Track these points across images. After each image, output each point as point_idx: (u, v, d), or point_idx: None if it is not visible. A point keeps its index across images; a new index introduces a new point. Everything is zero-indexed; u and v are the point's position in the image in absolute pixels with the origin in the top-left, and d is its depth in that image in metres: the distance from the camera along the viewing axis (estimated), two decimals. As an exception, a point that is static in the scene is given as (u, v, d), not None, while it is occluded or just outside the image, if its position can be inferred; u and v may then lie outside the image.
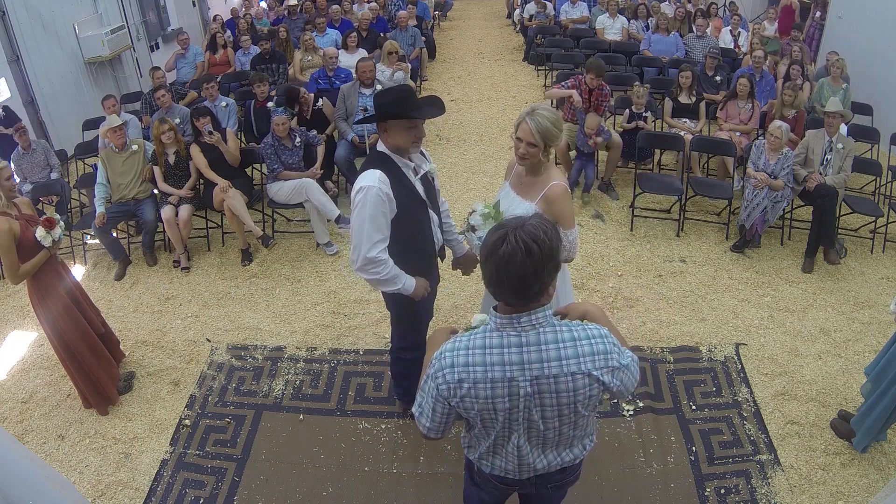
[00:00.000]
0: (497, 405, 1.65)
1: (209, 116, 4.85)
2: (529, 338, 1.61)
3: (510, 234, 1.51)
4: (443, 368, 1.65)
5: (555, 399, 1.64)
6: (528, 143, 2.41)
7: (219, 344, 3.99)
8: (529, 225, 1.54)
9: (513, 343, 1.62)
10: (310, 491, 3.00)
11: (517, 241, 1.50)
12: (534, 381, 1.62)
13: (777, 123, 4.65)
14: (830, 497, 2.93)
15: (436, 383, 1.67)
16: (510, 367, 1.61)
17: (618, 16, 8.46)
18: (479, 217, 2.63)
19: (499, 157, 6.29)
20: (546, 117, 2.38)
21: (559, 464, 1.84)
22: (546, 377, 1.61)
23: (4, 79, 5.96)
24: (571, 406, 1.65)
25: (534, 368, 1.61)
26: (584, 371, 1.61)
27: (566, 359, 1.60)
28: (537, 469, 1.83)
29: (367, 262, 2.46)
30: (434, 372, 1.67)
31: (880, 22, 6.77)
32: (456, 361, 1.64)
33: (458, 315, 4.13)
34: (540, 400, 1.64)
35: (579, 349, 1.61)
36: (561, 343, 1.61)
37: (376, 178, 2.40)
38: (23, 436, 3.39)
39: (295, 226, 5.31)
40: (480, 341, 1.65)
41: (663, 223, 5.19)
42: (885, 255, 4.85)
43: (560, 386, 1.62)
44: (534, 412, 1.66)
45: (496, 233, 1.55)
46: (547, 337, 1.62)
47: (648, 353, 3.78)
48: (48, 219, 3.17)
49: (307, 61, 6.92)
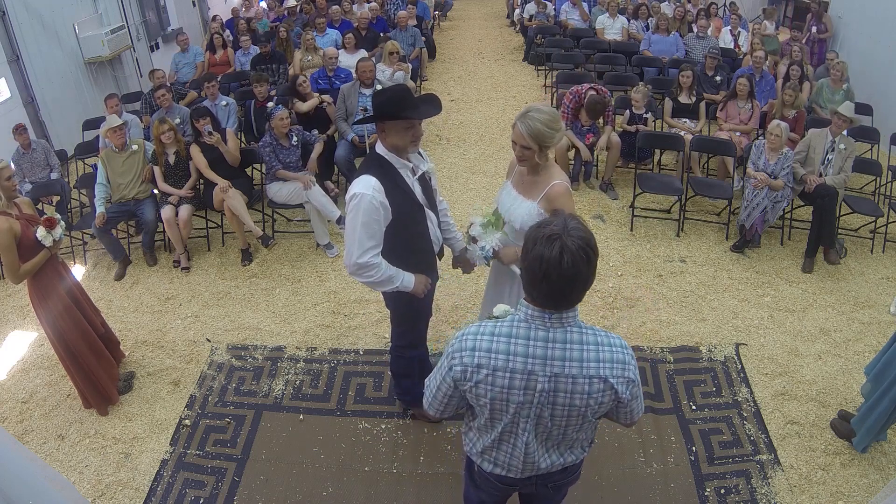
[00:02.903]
0: (511, 396, 1.65)
1: (209, 117, 4.85)
2: (556, 335, 1.61)
3: (567, 242, 1.47)
4: (462, 350, 1.64)
5: (568, 399, 1.64)
6: (522, 147, 2.40)
7: (219, 344, 3.99)
8: (573, 230, 1.50)
9: (539, 337, 1.61)
10: (310, 491, 3.00)
11: (577, 249, 1.47)
12: (552, 379, 1.62)
13: (777, 122, 4.65)
14: (830, 497, 2.93)
15: (450, 363, 1.66)
16: (532, 360, 1.61)
17: (618, 16, 8.47)
18: (478, 227, 2.63)
19: (499, 157, 6.29)
20: (538, 119, 2.33)
21: (561, 464, 1.84)
22: (565, 376, 1.61)
23: (4, 79, 5.96)
24: (582, 409, 1.65)
25: (555, 366, 1.61)
26: (602, 376, 1.61)
27: (587, 361, 1.61)
28: (540, 468, 1.82)
29: (359, 267, 2.48)
30: (452, 351, 1.66)
31: (880, 22, 6.77)
32: (478, 345, 1.63)
33: (457, 315, 4.13)
34: (553, 398, 1.64)
35: (601, 354, 1.61)
36: (585, 345, 1.61)
37: (370, 185, 2.40)
38: (23, 436, 3.39)
39: (295, 226, 5.31)
40: (507, 330, 1.64)
41: (663, 223, 5.19)
42: (885, 255, 4.85)
43: (577, 387, 1.62)
44: (545, 409, 1.66)
45: (550, 244, 1.48)
46: (573, 336, 1.61)
47: (648, 353, 3.78)
48: (49, 218, 3.17)
49: (307, 61, 6.91)
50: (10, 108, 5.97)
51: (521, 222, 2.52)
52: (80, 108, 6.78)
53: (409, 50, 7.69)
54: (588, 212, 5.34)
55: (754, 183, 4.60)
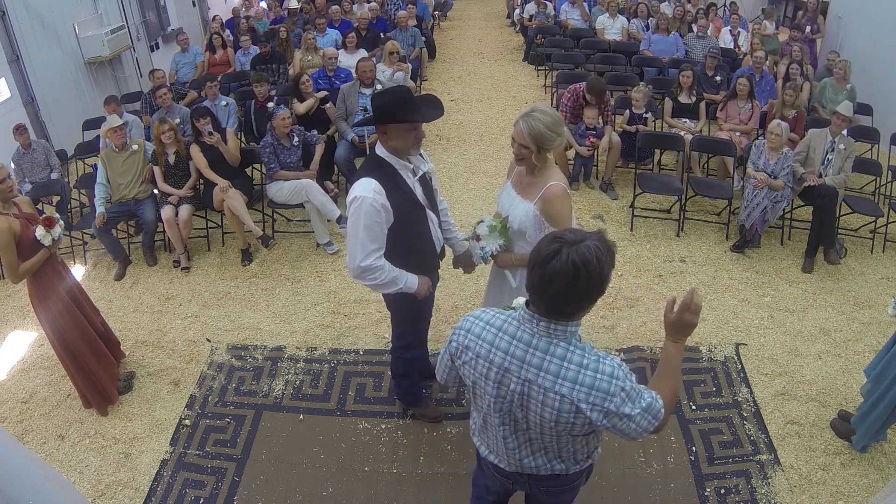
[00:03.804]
0: (487, 387, 1.70)
1: (209, 117, 4.85)
2: (540, 343, 1.60)
3: (564, 250, 1.46)
4: (460, 328, 1.76)
5: (538, 409, 1.63)
6: (520, 145, 2.39)
7: (219, 344, 3.99)
8: (585, 246, 1.46)
9: (523, 339, 1.63)
10: (310, 491, 3.00)
11: (568, 259, 1.45)
12: (525, 383, 1.62)
13: (777, 122, 4.65)
14: (830, 497, 2.92)
15: (451, 336, 1.78)
16: (511, 358, 1.63)
17: (618, 16, 8.47)
18: (485, 228, 2.63)
19: (499, 157, 6.29)
20: (541, 120, 2.32)
21: (549, 469, 1.83)
22: (538, 385, 1.60)
23: (4, 79, 5.96)
24: (552, 424, 1.63)
25: (530, 371, 1.61)
26: (571, 398, 1.55)
27: (563, 378, 1.57)
28: (525, 466, 1.83)
29: (362, 270, 2.47)
30: (456, 327, 1.77)
31: (880, 22, 6.77)
32: (472, 328, 1.72)
33: (457, 315, 4.13)
34: (526, 402, 1.65)
35: (580, 376, 1.55)
36: (566, 362, 1.57)
37: (371, 188, 2.39)
38: (23, 436, 3.39)
39: (295, 226, 5.31)
40: (500, 323, 1.69)
41: (663, 223, 5.19)
42: (885, 255, 4.85)
43: (546, 400, 1.60)
44: (518, 411, 1.69)
45: (551, 244, 1.49)
46: (556, 351, 1.58)
47: (648, 353, 3.78)
48: (48, 218, 3.17)
49: (307, 61, 6.92)
50: (10, 108, 5.97)
51: (519, 223, 2.52)
52: (80, 108, 6.78)
53: (409, 50, 7.69)
54: (588, 212, 5.34)
55: (754, 183, 4.60)
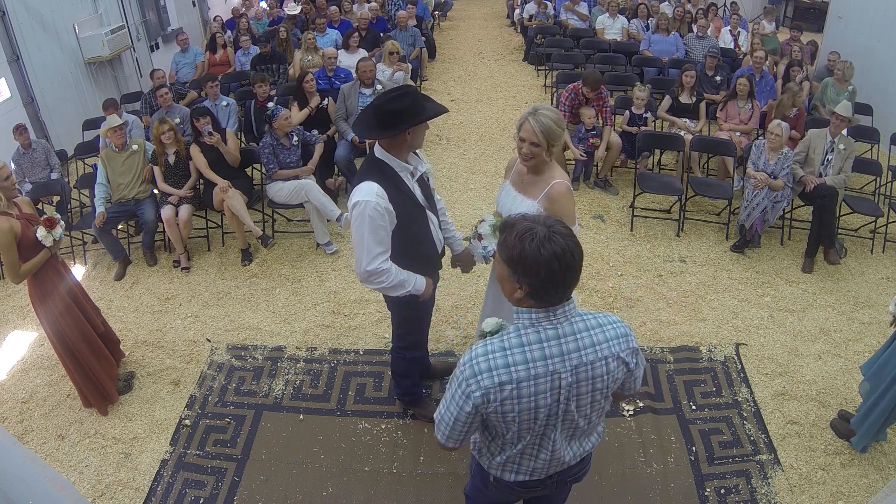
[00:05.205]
0: (540, 401, 1.64)
1: (209, 117, 4.85)
2: (565, 329, 1.63)
3: (554, 232, 1.54)
4: (477, 374, 1.60)
5: (590, 385, 1.67)
6: (532, 143, 2.41)
7: (219, 344, 3.99)
8: (550, 219, 1.59)
9: (550, 336, 1.62)
10: (310, 491, 3.00)
11: (564, 236, 1.54)
12: (573, 371, 1.64)
13: (777, 122, 4.65)
14: (830, 497, 2.93)
15: (467, 390, 1.61)
16: (552, 360, 1.62)
17: (618, 16, 8.47)
18: (487, 227, 2.63)
19: (499, 157, 6.29)
20: (548, 116, 2.38)
21: (581, 453, 1.86)
22: (584, 364, 1.64)
23: (4, 79, 5.96)
24: (605, 391, 1.70)
25: (573, 358, 1.63)
26: (613, 353, 1.67)
27: (598, 344, 1.66)
28: (566, 462, 1.83)
29: (369, 274, 2.47)
30: (465, 378, 1.62)
31: (880, 22, 6.77)
32: (494, 364, 1.59)
33: (457, 315, 4.13)
34: (577, 389, 1.66)
35: (607, 333, 1.68)
36: (591, 330, 1.66)
37: (373, 192, 2.38)
38: (23, 436, 3.39)
39: (295, 226, 5.31)
40: (517, 340, 1.62)
41: (663, 223, 5.19)
42: (885, 255, 4.85)
43: (596, 371, 1.66)
44: (571, 402, 1.68)
45: (548, 243, 1.51)
46: (578, 326, 1.65)
47: (648, 353, 3.78)
48: (49, 218, 3.16)
49: (307, 61, 6.92)
50: (10, 108, 5.96)
51: None
52: (80, 108, 6.78)
53: (409, 50, 7.69)
54: (588, 212, 5.34)
55: (754, 183, 4.60)
